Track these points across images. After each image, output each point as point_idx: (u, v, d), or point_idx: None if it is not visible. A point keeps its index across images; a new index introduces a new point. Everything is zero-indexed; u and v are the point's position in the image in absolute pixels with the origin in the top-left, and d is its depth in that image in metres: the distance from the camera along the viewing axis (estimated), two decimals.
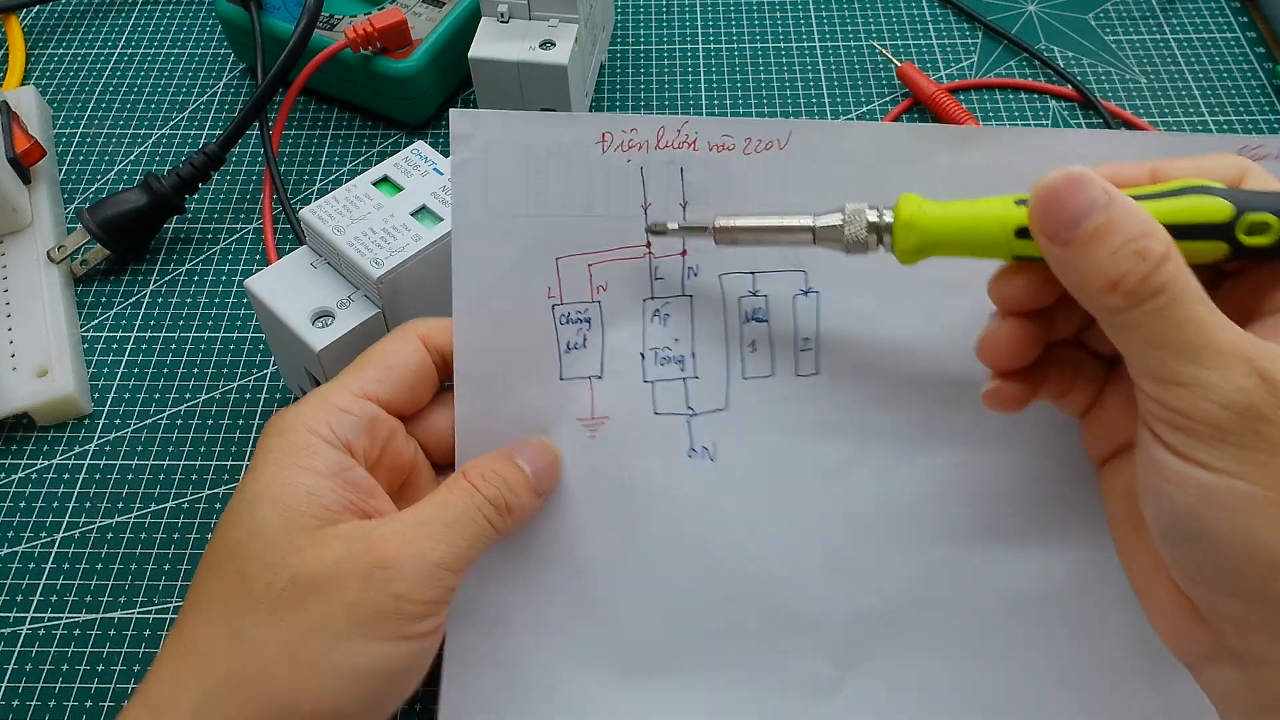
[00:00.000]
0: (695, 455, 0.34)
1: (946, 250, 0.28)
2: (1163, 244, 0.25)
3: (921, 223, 0.28)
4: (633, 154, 0.33)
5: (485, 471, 0.32)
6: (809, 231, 0.30)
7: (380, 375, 0.33)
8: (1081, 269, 0.25)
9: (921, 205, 0.28)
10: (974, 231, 0.28)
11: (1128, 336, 0.25)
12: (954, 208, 0.28)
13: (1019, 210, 0.27)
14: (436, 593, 0.29)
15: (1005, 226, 0.27)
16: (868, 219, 0.28)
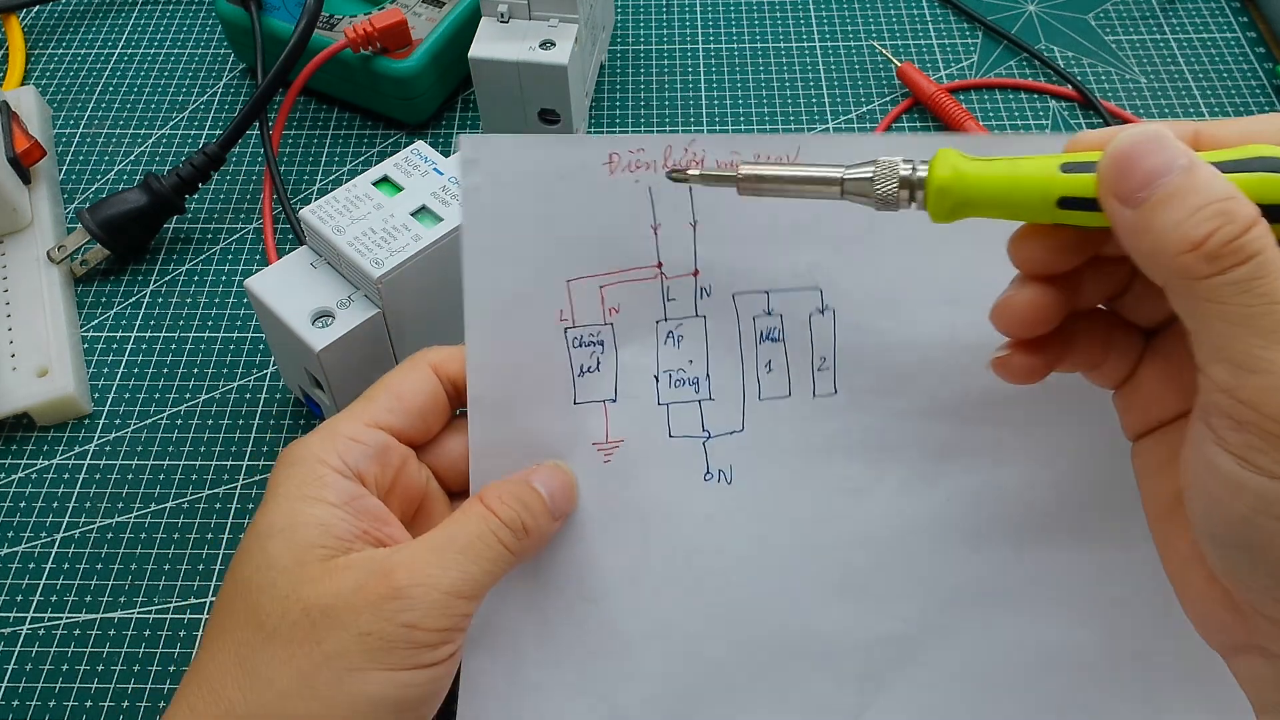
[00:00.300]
0: (711, 478, 0.34)
1: (983, 212, 0.27)
2: (1249, 207, 0.23)
3: (958, 183, 0.26)
4: (641, 174, 0.32)
5: (502, 494, 0.31)
6: (838, 184, 0.28)
7: (391, 404, 0.33)
8: (1157, 231, 0.23)
9: (958, 164, 0.26)
10: (1015, 196, 0.26)
11: (1203, 310, 0.23)
12: (994, 167, 0.26)
13: (1064, 178, 0.25)
14: (449, 620, 0.29)
15: (1048, 195, 0.25)
16: (900, 173, 0.27)
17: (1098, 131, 0.26)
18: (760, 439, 0.34)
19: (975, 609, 0.34)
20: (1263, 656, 0.25)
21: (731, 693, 0.34)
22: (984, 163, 0.26)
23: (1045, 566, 0.34)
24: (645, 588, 0.34)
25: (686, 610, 0.34)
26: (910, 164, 0.27)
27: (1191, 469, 0.25)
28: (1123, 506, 0.33)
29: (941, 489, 0.33)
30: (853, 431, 0.33)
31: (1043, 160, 0.26)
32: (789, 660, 0.34)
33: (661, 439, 0.34)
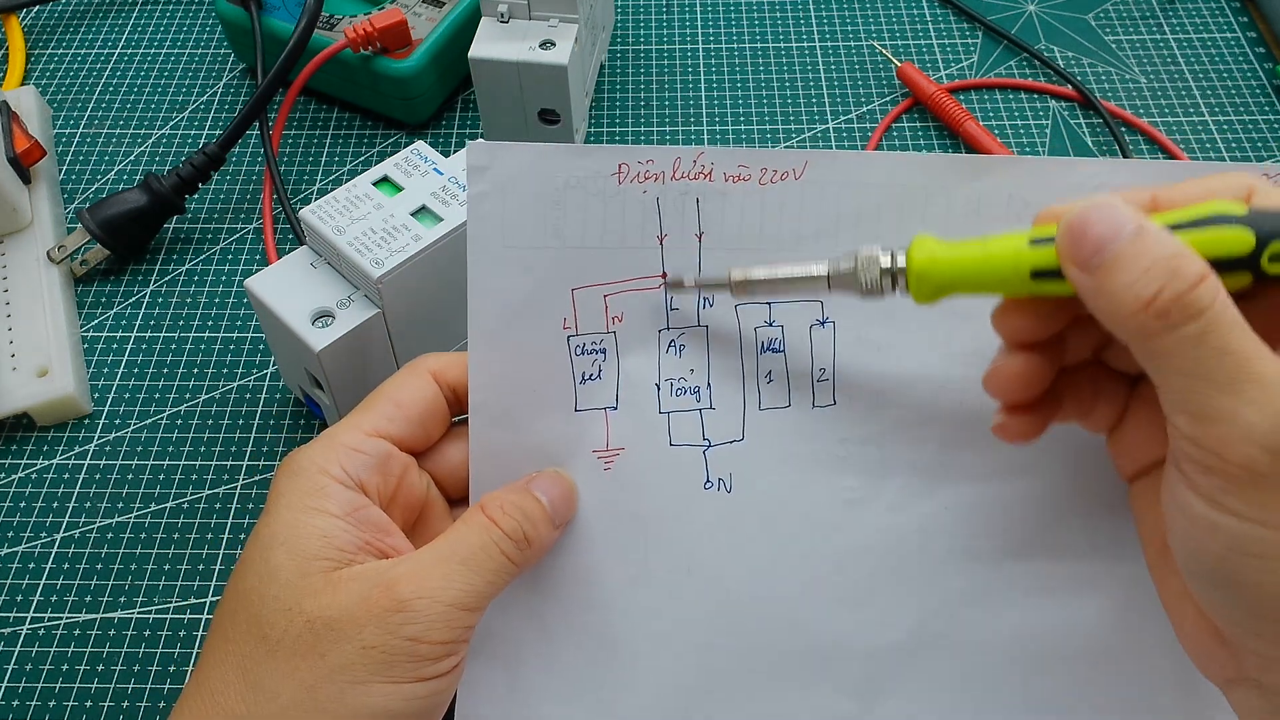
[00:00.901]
0: (711, 487, 0.34)
1: (962, 290, 0.28)
2: (1197, 264, 0.24)
3: (935, 269, 0.28)
4: (649, 185, 0.33)
5: (504, 504, 0.31)
6: (824, 281, 0.30)
7: (391, 412, 0.32)
8: (1111, 293, 0.24)
9: (934, 250, 0.28)
10: (989, 274, 0.27)
11: (1162, 365, 0.24)
12: (967, 249, 0.28)
13: (1033, 251, 0.27)
14: (453, 633, 0.29)
15: (1019, 269, 0.27)
16: (881, 264, 0.29)
17: (1063, 206, 0.27)
18: (760, 448, 0.34)
19: (974, 617, 0.34)
20: (1255, 688, 0.26)
21: (731, 701, 0.34)
22: (958, 245, 0.28)
23: (1043, 574, 0.34)
24: (645, 596, 0.34)
25: (686, 618, 0.34)
26: (889, 253, 0.29)
27: (1169, 511, 0.26)
28: (1118, 515, 0.33)
29: (939, 498, 0.33)
30: (851, 442, 0.34)
31: (1012, 238, 0.27)
32: (788, 669, 0.34)
33: (662, 447, 0.34)
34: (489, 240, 0.33)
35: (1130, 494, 0.31)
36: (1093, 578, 0.34)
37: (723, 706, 0.34)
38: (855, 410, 0.34)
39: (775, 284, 0.31)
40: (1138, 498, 0.30)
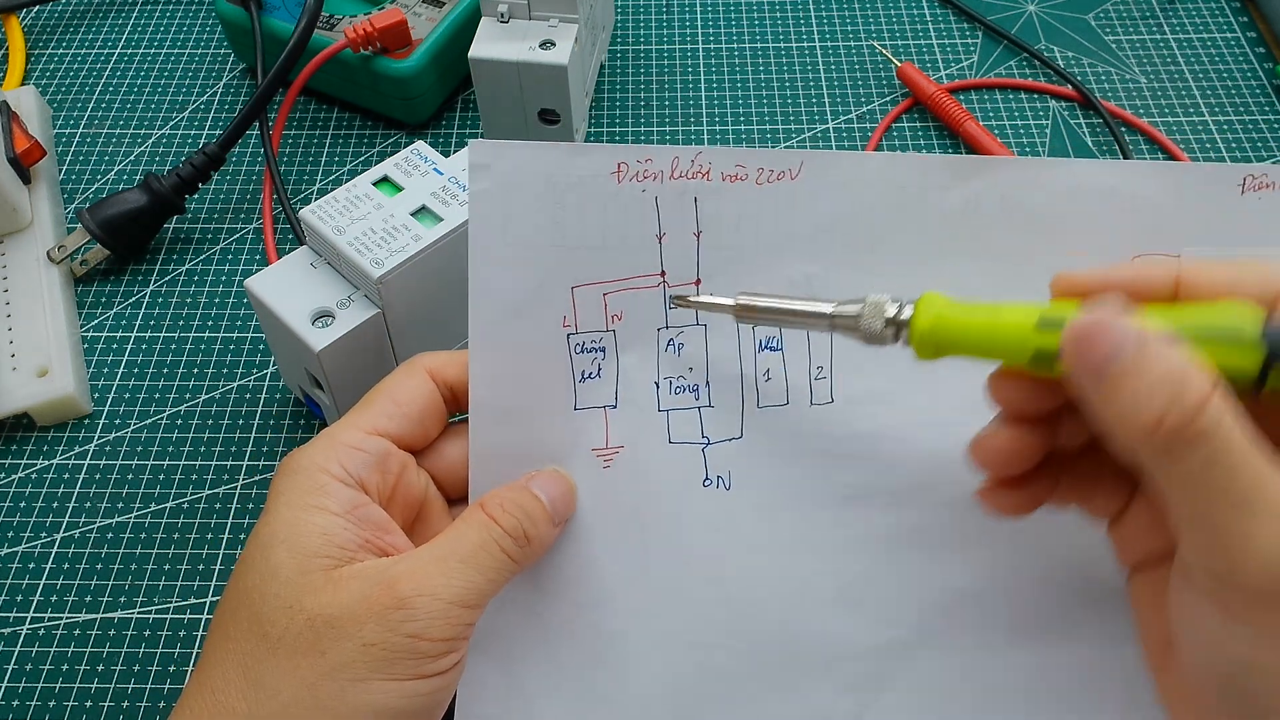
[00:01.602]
0: (710, 484, 0.34)
1: (965, 354, 0.28)
2: (1202, 383, 0.23)
3: (939, 331, 0.28)
4: (648, 184, 0.33)
5: (504, 502, 0.31)
6: (827, 320, 0.30)
7: (390, 410, 0.33)
8: (1115, 410, 0.24)
9: (941, 310, 0.28)
10: (993, 347, 0.27)
11: (1170, 482, 0.24)
12: (975, 317, 0.27)
13: (1040, 335, 0.26)
14: (453, 630, 0.29)
15: (1024, 349, 0.26)
16: (886, 314, 0.28)
17: (1083, 274, 0.27)
18: (759, 446, 0.34)
19: (973, 614, 0.34)
20: None
21: (730, 698, 0.34)
22: (967, 309, 0.27)
23: (1043, 569, 0.34)
24: (643, 593, 0.34)
25: (685, 615, 0.34)
26: (898, 304, 0.28)
27: (1178, 619, 0.26)
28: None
29: (938, 495, 0.34)
30: (849, 439, 0.34)
31: (1023, 311, 0.27)
32: (787, 665, 0.34)
33: (661, 445, 0.34)
34: (490, 238, 0.33)
35: (1129, 582, 0.30)
36: (1094, 571, 0.34)
37: (721, 703, 0.34)
38: (853, 408, 0.34)
39: (779, 314, 0.31)
40: (1138, 590, 0.29)
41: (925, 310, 0.28)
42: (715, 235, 0.33)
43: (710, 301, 0.32)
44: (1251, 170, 0.33)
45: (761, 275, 0.34)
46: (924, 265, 0.33)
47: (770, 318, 0.31)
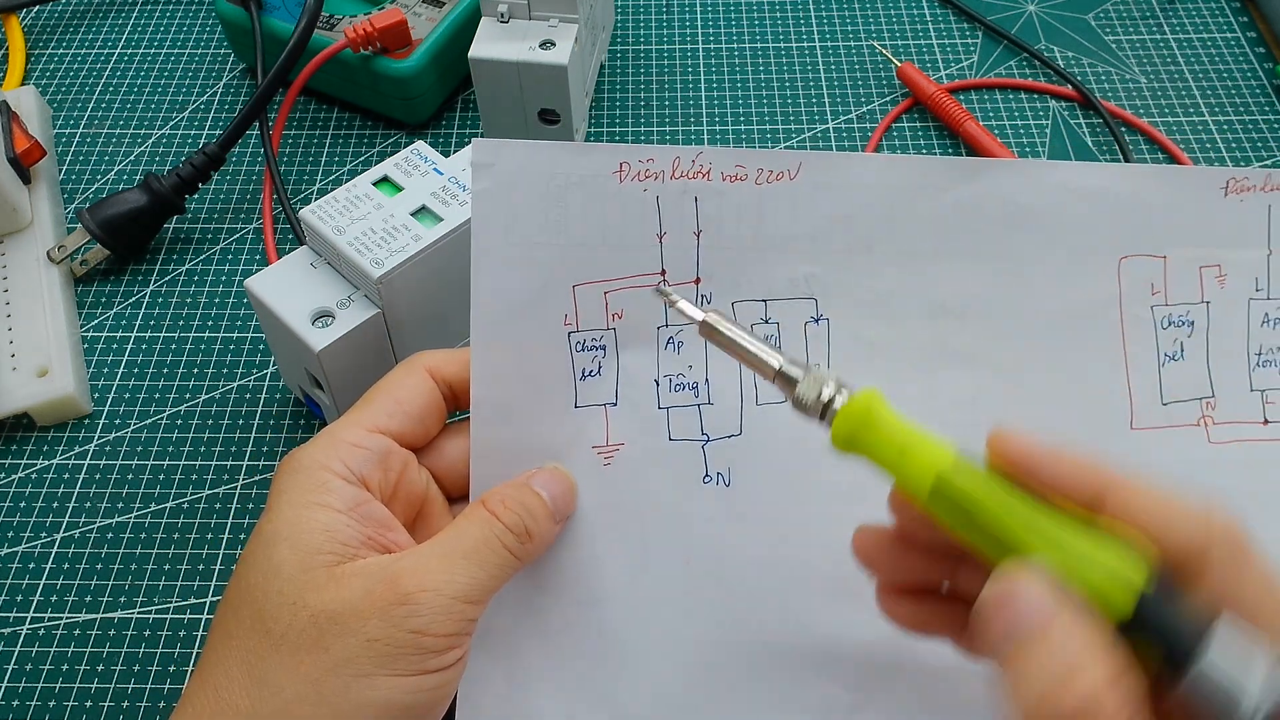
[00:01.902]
0: (710, 481, 0.34)
1: (875, 465, 0.28)
2: (1093, 680, 0.22)
3: (855, 436, 0.28)
4: (649, 184, 0.33)
5: (505, 498, 0.31)
6: (773, 372, 0.29)
7: (390, 409, 0.33)
8: (1008, 670, 0.23)
9: (864, 418, 0.27)
10: (898, 473, 0.27)
11: None
12: (892, 437, 0.27)
13: (948, 476, 0.26)
14: (456, 625, 0.29)
15: (920, 491, 0.27)
16: (820, 394, 0.28)
17: (1019, 446, 0.26)
18: (758, 443, 0.34)
19: None
20: None
21: (731, 694, 0.34)
22: (888, 428, 0.27)
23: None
24: (644, 590, 0.34)
25: (685, 612, 0.34)
26: (836, 388, 0.28)
27: None
28: None
29: None
30: None
31: (935, 455, 0.26)
32: (788, 660, 0.34)
33: (661, 442, 0.34)
34: (492, 236, 0.33)
35: None
36: None
37: (721, 698, 0.34)
38: None
39: (733, 347, 0.30)
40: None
41: (851, 411, 0.28)
42: (715, 235, 0.34)
43: (683, 308, 0.32)
44: (1234, 174, 0.34)
45: (761, 275, 0.34)
46: (921, 265, 0.34)
47: (725, 347, 0.31)
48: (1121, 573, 0.24)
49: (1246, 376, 0.35)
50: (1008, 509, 0.25)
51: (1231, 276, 0.35)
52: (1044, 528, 0.25)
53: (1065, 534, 0.25)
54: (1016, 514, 0.25)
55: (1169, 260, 0.35)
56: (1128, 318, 0.35)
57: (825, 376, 0.28)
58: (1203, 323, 0.35)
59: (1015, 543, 0.25)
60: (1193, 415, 0.35)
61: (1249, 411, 0.35)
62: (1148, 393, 0.35)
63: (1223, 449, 0.35)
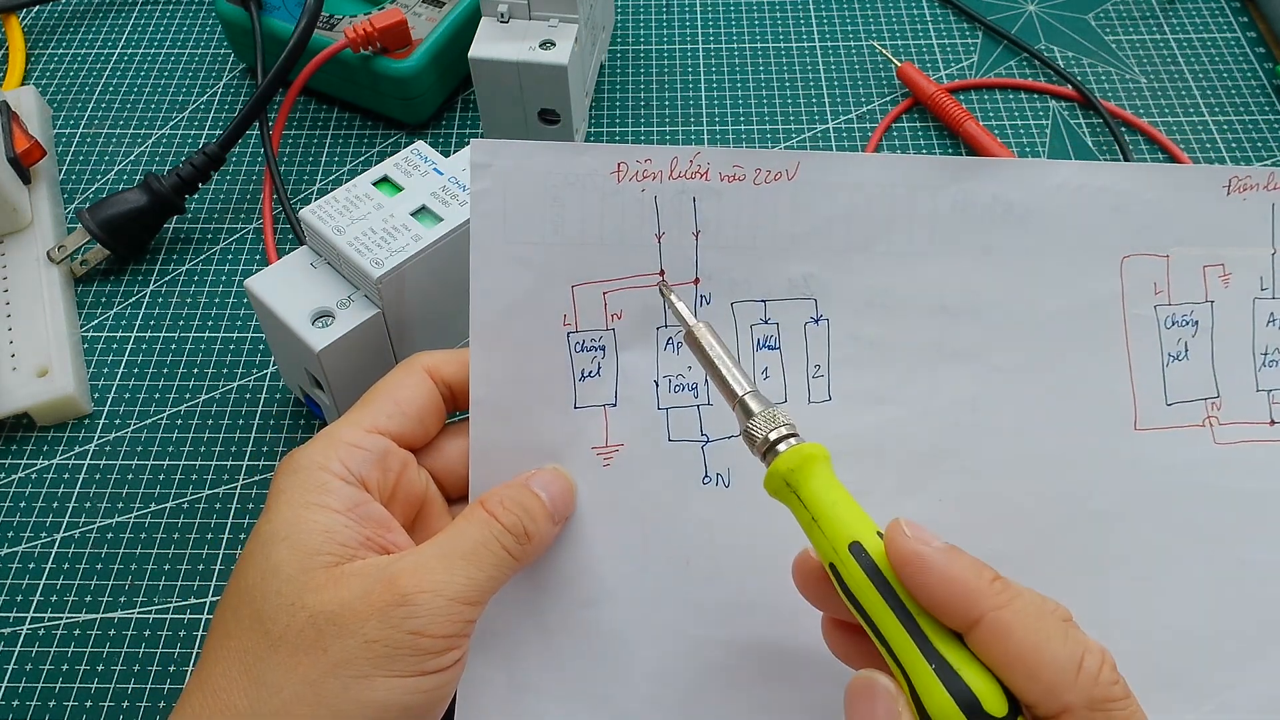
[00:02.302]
0: (710, 482, 0.34)
1: (795, 516, 0.29)
2: None
3: (778, 494, 0.28)
4: (647, 184, 0.33)
5: (504, 499, 0.31)
6: (736, 400, 0.30)
7: (390, 409, 0.33)
8: None
9: (803, 470, 0.28)
10: (808, 531, 0.28)
11: None
12: (820, 497, 0.28)
13: (843, 560, 0.27)
14: (455, 626, 0.29)
15: (824, 557, 0.27)
16: (768, 435, 0.29)
17: (902, 542, 0.26)
18: None
19: None
20: None
21: (731, 694, 0.34)
22: (815, 488, 0.28)
23: (1034, 568, 0.34)
24: (644, 591, 0.34)
25: (685, 613, 0.34)
26: (786, 432, 0.29)
27: None
28: (1113, 503, 0.34)
29: (933, 491, 0.34)
30: (846, 437, 0.34)
31: (857, 522, 0.27)
32: (787, 660, 0.34)
33: (661, 443, 0.34)
34: (491, 236, 0.33)
35: None
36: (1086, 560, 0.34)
37: (721, 699, 0.34)
38: (850, 406, 0.34)
39: (708, 364, 0.31)
40: None
41: (790, 458, 0.28)
42: (713, 235, 0.34)
43: (679, 309, 0.32)
44: (1236, 172, 0.34)
45: (760, 275, 0.34)
46: (921, 265, 0.34)
47: (702, 360, 0.31)
48: (970, 701, 0.24)
49: (1252, 376, 0.35)
50: (884, 610, 0.26)
51: (1236, 276, 0.35)
52: (922, 636, 0.25)
53: (941, 647, 0.25)
54: (894, 617, 0.26)
55: (1171, 259, 0.35)
56: (1130, 317, 0.35)
57: (780, 419, 0.29)
58: (1207, 322, 0.35)
59: (889, 641, 0.26)
60: (1198, 416, 0.35)
61: (1255, 412, 0.35)
62: (1152, 393, 0.35)
63: (1228, 450, 0.35)
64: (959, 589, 0.25)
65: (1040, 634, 0.25)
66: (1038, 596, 0.26)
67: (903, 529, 0.26)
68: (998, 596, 0.25)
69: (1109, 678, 0.25)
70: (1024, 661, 0.24)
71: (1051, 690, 0.24)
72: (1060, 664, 0.24)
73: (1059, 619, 0.26)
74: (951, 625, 0.25)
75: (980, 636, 0.25)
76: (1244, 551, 0.34)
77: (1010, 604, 0.25)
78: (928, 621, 0.26)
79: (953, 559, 0.25)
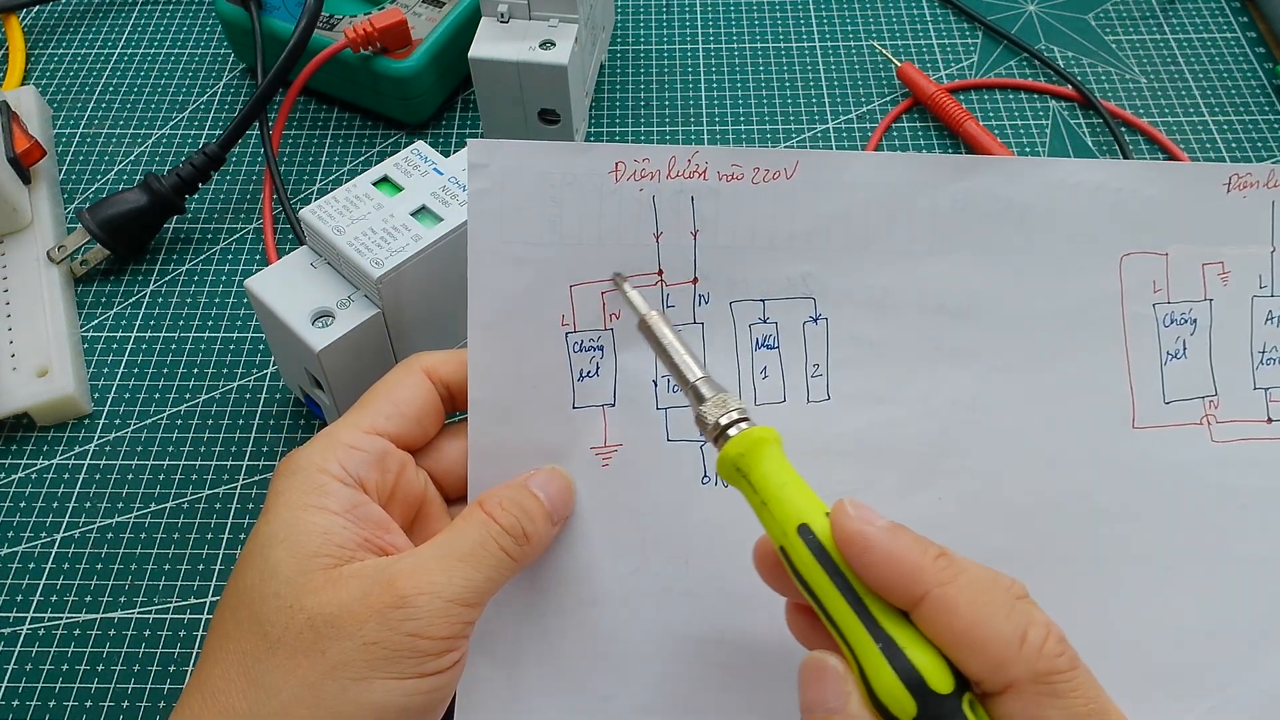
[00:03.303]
0: (709, 482, 0.34)
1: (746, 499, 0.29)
2: None
3: (729, 477, 0.29)
4: (645, 183, 0.33)
5: (502, 500, 0.31)
6: (690, 388, 0.30)
7: (388, 410, 0.33)
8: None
9: (753, 454, 0.28)
10: (759, 514, 0.28)
11: None
12: (769, 479, 0.28)
13: (791, 541, 0.27)
14: (453, 628, 0.29)
15: (776, 539, 0.27)
16: (720, 419, 0.29)
17: (847, 522, 0.26)
18: None
19: None
20: None
21: (731, 694, 0.34)
22: (766, 470, 0.28)
23: (1033, 566, 0.34)
24: (643, 590, 0.34)
25: (684, 613, 0.34)
26: (736, 417, 0.29)
27: None
28: (1112, 501, 0.34)
29: (933, 491, 0.34)
30: (846, 436, 0.34)
31: (809, 503, 0.27)
32: (786, 661, 0.34)
33: (660, 443, 0.34)
34: (488, 236, 0.33)
35: None
36: (1088, 562, 0.34)
37: (720, 699, 0.34)
38: (849, 405, 0.34)
39: (661, 351, 0.31)
40: None
41: (740, 442, 0.28)
42: (712, 234, 0.34)
43: (631, 299, 0.32)
44: (1236, 169, 0.34)
45: (759, 274, 0.34)
46: (920, 263, 0.34)
47: (655, 348, 0.31)
48: (915, 679, 0.24)
49: (1250, 375, 0.35)
50: (832, 591, 0.26)
51: (1234, 273, 0.35)
52: (868, 616, 0.26)
53: (887, 626, 0.25)
54: (841, 598, 0.26)
55: (1170, 257, 0.35)
56: (1129, 315, 0.35)
57: (732, 404, 0.29)
58: (1205, 320, 0.35)
59: (837, 622, 0.26)
60: (1195, 414, 0.35)
61: (1253, 410, 0.35)
62: (1150, 391, 0.35)
63: (1226, 448, 0.35)
64: (903, 567, 0.25)
65: (984, 609, 0.25)
66: (986, 572, 0.26)
67: (846, 509, 0.26)
68: (942, 573, 0.25)
69: (1054, 650, 0.24)
70: (968, 637, 0.24)
71: (996, 665, 0.24)
72: (1004, 638, 0.24)
73: (1006, 593, 0.25)
74: (897, 603, 0.25)
75: (925, 613, 0.25)
76: (1242, 549, 0.34)
77: (954, 580, 0.25)
78: (874, 601, 0.26)
79: (896, 537, 0.26)
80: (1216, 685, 0.34)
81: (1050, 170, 0.34)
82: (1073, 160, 0.34)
